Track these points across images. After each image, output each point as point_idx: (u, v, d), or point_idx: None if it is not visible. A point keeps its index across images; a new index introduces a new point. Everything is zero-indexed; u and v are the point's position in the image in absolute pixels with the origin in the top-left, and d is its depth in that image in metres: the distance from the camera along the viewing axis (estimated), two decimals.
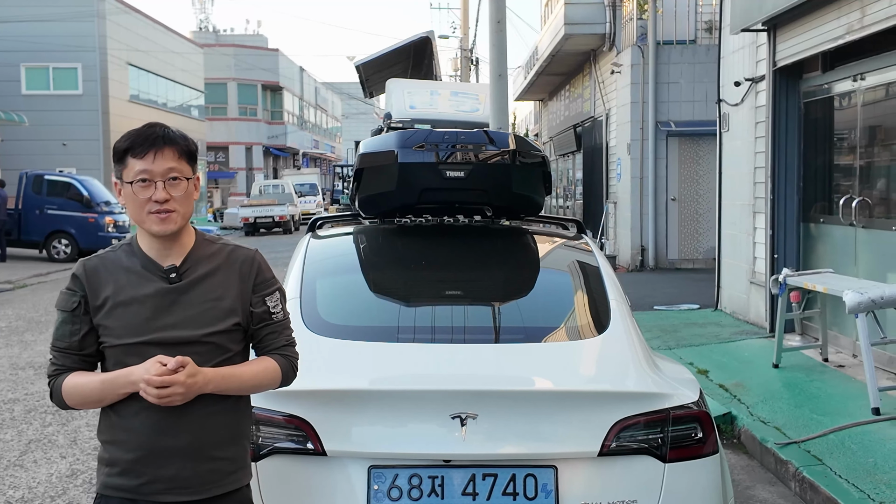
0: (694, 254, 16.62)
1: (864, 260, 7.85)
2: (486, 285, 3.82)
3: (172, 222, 2.29)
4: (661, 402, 2.94)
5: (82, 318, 2.32)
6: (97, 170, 31.17)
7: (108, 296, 2.30)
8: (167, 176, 2.27)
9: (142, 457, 2.27)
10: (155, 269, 2.33)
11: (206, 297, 2.34)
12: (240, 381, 2.35)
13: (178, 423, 2.27)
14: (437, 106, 12.93)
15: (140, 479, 2.28)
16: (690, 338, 9.42)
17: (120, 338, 2.29)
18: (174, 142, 2.31)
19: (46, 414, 6.88)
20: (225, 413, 2.35)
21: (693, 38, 16.95)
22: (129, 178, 2.28)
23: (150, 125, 2.35)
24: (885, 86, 7.64)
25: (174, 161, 2.29)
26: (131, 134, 2.31)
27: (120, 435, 2.30)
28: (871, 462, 5.17)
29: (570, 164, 25.04)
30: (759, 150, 9.79)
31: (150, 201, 2.27)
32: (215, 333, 2.33)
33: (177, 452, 2.28)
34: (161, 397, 2.17)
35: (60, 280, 17.07)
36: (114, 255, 2.38)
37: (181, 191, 2.30)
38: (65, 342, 2.33)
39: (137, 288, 2.31)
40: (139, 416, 2.26)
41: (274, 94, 55.36)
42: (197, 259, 2.38)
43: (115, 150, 2.32)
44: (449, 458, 2.82)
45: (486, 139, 3.92)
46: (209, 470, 2.32)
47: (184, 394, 2.19)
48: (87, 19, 32.52)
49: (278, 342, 2.47)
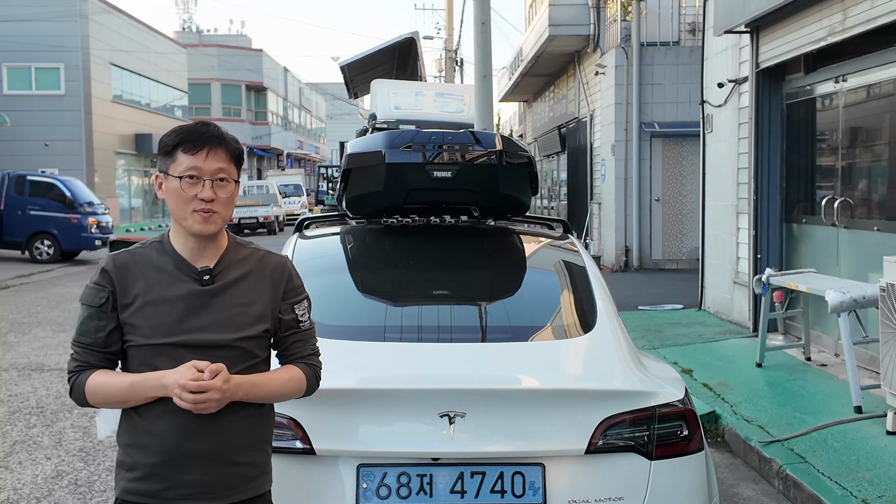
0: (678, 254, 16.70)
1: (846, 260, 7.92)
2: (474, 285, 3.84)
3: (214, 223, 2.27)
4: (647, 401, 2.97)
5: (109, 314, 2.26)
6: (80, 170, 31.01)
7: (137, 293, 2.26)
8: (216, 176, 2.25)
9: (165, 461, 2.24)
10: (188, 269, 2.30)
11: (236, 301, 2.31)
12: (268, 390, 2.33)
13: (202, 428, 2.23)
14: (422, 107, 12.95)
15: (162, 484, 2.24)
16: (675, 338, 9.48)
17: (148, 337, 2.24)
18: (226, 142, 2.29)
19: (31, 415, 6.85)
20: (248, 418, 2.32)
21: (677, 39, 17.05)
22: (176, 172, 2.24)
23: (204, 123, 2.32)
24: (866, 87, 7.72)
25: (224, 162, 2.27)
26: (183, 129, 2.28)
27: (143, 438, 2.25)
28: (853, 460, 5.22)
29: (555, 165, 25.11)
30: (742, 150, 9.86)
31: (195, 199, 2.23)
32: (245, 339, 2.30)
33: (200, 457, 2.25)
34: (197, 403, 2.13)
35: (44, 281, 16.97)
36: (144, 252, 2.33)
37: (227, 192, 2.28)
38: (89, 338, 2.27)
39: (168, 288, 2.27)
40: (164, 419, 2.23)
41: (258, 94, 55.19)
42: (229, 262, 2.35)
43: (163, 142, 2.28)
44: (437, 456, 2.84)
45: (473, 140, 3.93)
46: (232, 475, 2.30)
47: (219, 400, 2.17)
48: (70, 19, 32.34)
49: (304, 351, 2.46)
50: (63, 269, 19.41)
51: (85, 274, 18.41)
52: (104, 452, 5.87)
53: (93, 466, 5.60)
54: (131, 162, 38.67)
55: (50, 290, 15.54)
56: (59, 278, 17.66)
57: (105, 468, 5.56)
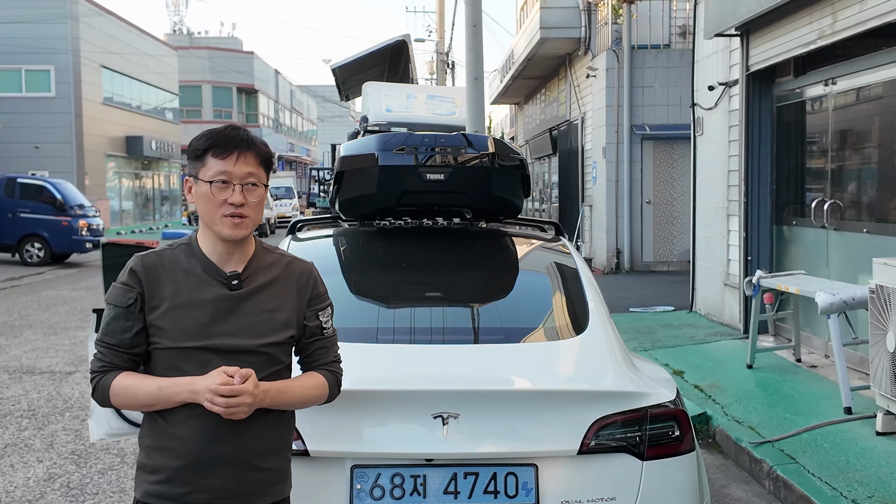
0: (669, 256, 16.75)
1: (836, 261, 7.96)
2: (466, 287, 3.85)
3: (244, 228, 2.27)
4: (638, 401, 2.99)
5: (137, 315, 2.25)
6: (70, 173, 30.93)
7: (165, 296, 2.25)
8: (246, 180, 2.25)
9: (189, 465, 2.23)
10: (216, 273, 2.29)
11: (263, 307, 2.31)
12: (293, 397, 2.33)
13: (227, 433, 2.23)
14: (414, 109, 12.98)
15: (185, 488, 2.24)
16: (666, 339, 9.51)
17: (175, 341, 2.23)
18: (256, 146, 2.29)
19: (22, 418, 6.83)
20: (271, 424, 2.32)
21: (667, 42, 17.12)
22: (206, 177, 2.24)
23: (233, 126, 2.31)
24: (855, 90, 7.77)
25: (254, 166, 2.27)
26: (213, 133, 2.28)
27: (166, 441, 2.25)
28: (843, 460, 5.26)
29: (546, 168, 25.17)
30: (732, 153, 9.90)
31: (225, 203, 2.23)
32: (271, 345, 2.31)
33: (224, 462, 2.24)
34: (229, 407, 2.13)
35: (34, 284, 16.91)
36: (171, 255, 2.32)
37: (257, 197, 2.28)
38: (115, 338, 2.26)
39: (196, 291, 2.26)
40: (188, 423, 2.22)
41: (249, 96, 55.13)
42: (257, 267, 2.34)
43: (193, 147, 2.28)
44: (431, 457, 2.85)
45: (466, 142, 3.95)
46: (254, 480, 2.30)
47: (250, 405, 2.17)
48: (60, 21, 32.26)
49: (327, 358, 2.46)
50: (53, 272, 19.34)
51: (76, 277, 18.36)
52: (96, 455, 5.87)
53: (85, 469, 5.59)
54: (122, 164, 38.58)
55: (40, 292, 15.49)
56: (50, 281, 17.60)
57: (97, 471, 5.55)
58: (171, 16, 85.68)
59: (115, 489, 5.22)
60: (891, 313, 5.36)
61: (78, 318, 12.22)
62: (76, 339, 10.37)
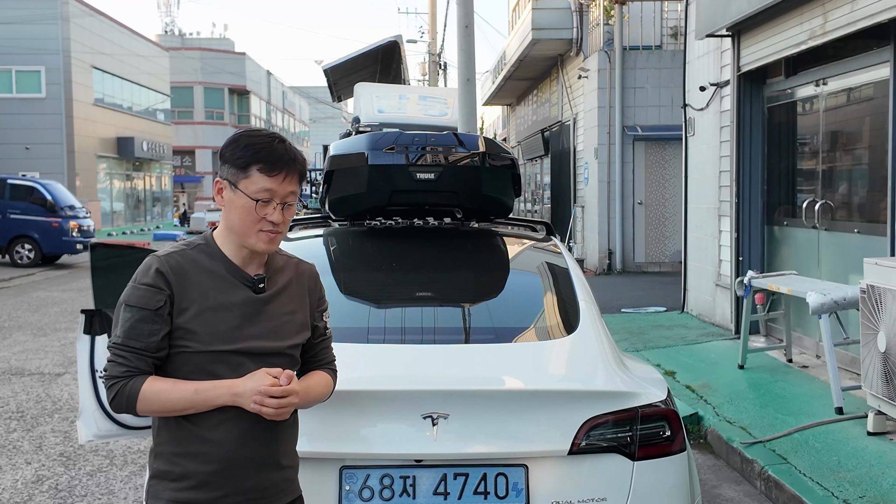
0: (660, 257, 16.77)
1: (827, 262, 7.97)
2: (457, 286, 3.83)
3: (277, 242, 2.26)
4: (629, 401, 2.97)
5: (165, 318, 2.17)
6: (61, 174, 30.85)
7: (195, 298, 2.19)
8: (286, 199, 2.22)
9: (222, 469, 2.20)
10: (241, 276, 2.26)
11: (284, 309, 2.32)
12: (314, 395, 2.38)
13: (259, 434, 2.23)
14: (406, 110, 12.96)
15: (219, 492, 2.21)
16: (657, 340, 9.51)
17: (207, 344, 2.18)
18: (299, 164, 2.25)
19: (11, 420, 6.79)
20: (292, 423, 2.38)
21: (659, 43, 17.15)
22: (249, 191, 2.18)
23: (279, 139, 2.24)
24: (846, 91, 7.78)
25: (295, 185, 2.24)
26: (260, 146, 2.20)
27: (197, 447, 2.20)
28: (834, 460, 5.26)
29: (538, 169, 25.17)
30: (724, 154, 9.91)
31: (263, 220, 2.20)
32: (294, 346, 2.34)
33: (257, 463, 2.25)
34: (280, 408, 2.15)
35: (24, 285, 16.84)
36: (193, 255, 2.26)
37: (292, 213, 2.27)
38: (141, 342, 2.16)
39: (225, 294, 2.22)
40: (220, 427, 2.19)
41: (241, 97, 55.06)
42: (273, 270, 2.34)
43: (236, 155, 2.20)
44: (420, 457, 2.83)
45: (456, 141, 3.94)
46: (282, 478, 2.34)
47: (296, 405, 2.21)
48: (51, 22, 32.17)
49: (329, 357, 2.51)
50: (44, 273, 19.27)
51: (66, 278, 18.29)
52: (85, 457, 5.83)
53: (73, 471, 5.56)
54: (113, 165, 38.48)
55: (30, 294, 15.42)
56: (40, 282, 17.53)
57: (86, 473, 5.52)
58: (163, 16, 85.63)
59: (104, 491, 5.19)
60: (882, 313, 5.37)
61: (68, 319, 12.16)
62: (66, 341, 10.32)
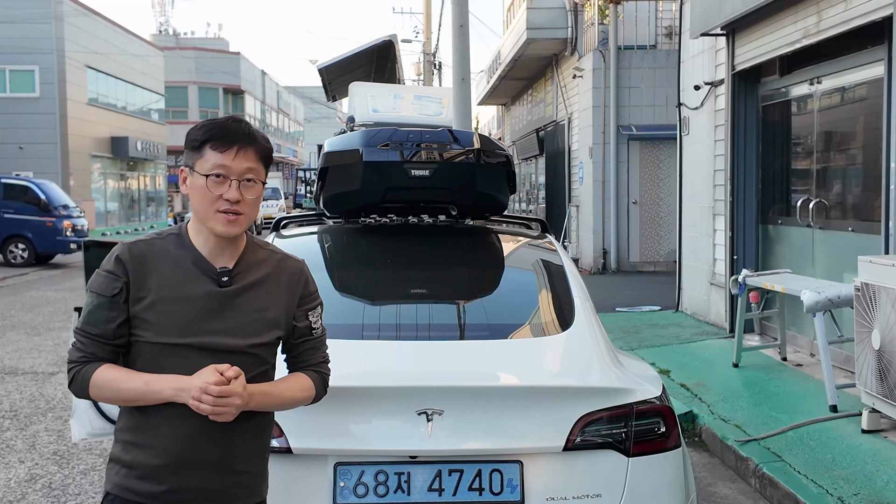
0: (655, 256, 16.78)
1: (821, 260, 7.99)
2: (452, 283, 3.83)
3: (239, 225, 2.18)
4: (624, 397, 2.97)
5: (121, 305, 2.14)
6: (55, 173, 30.74)
7: (151, 287, 2.15)
8: (244, 176, 2.16)
9: (169, 464, 2.15)
10: (206, 268, 2.20)
11: (253, 306, 2.23)
12: (279, 400, 2.27)
13: (210, 435, 2.15)
14: (401, 109, 12.93)
15: (161, 487, 2.16)
16: (652, 339, 9.51)
17: (159, 335, 2.14)
18: (257, 142, 2.19)
19: (4, 419, 6.76)
20: (254, 428, 2.26)
21: (654, 43, 17.15)
22: (203, 169, 2.14)
23: (235, 119, 2.22)
24: (840, 90, 7.79)
25: (254, 162, 2.17)
26: (214, 124, 2.18)
27: (147, 438, 2.16)
28: (829, 458, 5.26)
29: (533, 168, 25.18)
30: (718, 153, 9.92)
31: (220, 199, 2.14)
32: (259, 345, 2.23)
33: (207, 464, 2.17)
34: (216, 406, 2.06)
35: (18, 285, 16.79)
36: (161, 244, 2.22)
37: (254, 194, 2.18)
38: (98, 329, 2.15)
39: (185, 286, 2.17)
40: (172, 423, 2.14)
41: (235, 97, 54.94)
42: (248, 264, 2.26)
43: (191, 136, 2.17)
44: (415, 454, 2.83)
45: (451, 138, 3.93)
46: (235, 483, 2.24)
47: (238, 407, 2.09)
48: (45, 21, 32.06)
49: (315, 358, 2.39)
50: (37, 273, 19.21)
51: (60, 277, 18.24)
52: (78, 456, 5.81)
53: (67, 470, 5.54)
54: (107, 165, 38.37)
55: (24, 293, 15.37)
56: (34, 282, 17.48)
57: (79, 471, 5.50)
58: (157, 16, 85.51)
59: (98, 490, 5.17)
60: (876, 311, 5.37)
61: (61, 318, 12.13)
62: (59, 340, 10.29)
